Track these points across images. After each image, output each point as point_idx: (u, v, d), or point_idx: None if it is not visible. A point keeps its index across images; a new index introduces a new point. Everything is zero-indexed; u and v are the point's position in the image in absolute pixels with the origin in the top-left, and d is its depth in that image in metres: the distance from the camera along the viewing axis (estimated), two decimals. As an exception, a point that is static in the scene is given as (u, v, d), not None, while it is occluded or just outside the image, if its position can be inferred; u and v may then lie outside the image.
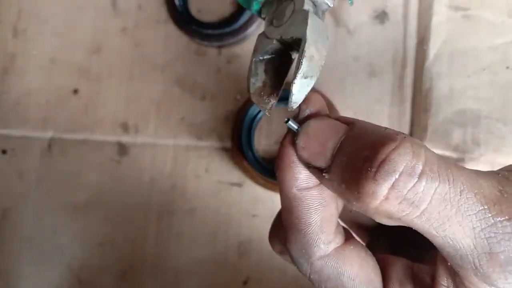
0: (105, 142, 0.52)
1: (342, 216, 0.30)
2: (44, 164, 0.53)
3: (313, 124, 0.22)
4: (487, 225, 0.19)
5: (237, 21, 0.50)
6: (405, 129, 0.50)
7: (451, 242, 0.19)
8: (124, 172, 0.52)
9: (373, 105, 0.50)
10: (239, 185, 0.51)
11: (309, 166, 0.22)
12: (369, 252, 0.25)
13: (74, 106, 0.53)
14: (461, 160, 0.47)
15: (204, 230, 0.51)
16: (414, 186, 0.18)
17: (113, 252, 0.52)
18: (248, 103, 0.50)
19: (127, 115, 0.52)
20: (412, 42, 0.50)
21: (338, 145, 0.21)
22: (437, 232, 0.19)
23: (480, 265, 0.19)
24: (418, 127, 0.49)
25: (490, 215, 0.19)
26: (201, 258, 0.51)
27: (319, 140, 0.22)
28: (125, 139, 0.52)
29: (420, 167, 0.18)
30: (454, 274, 0.21)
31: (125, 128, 0.52)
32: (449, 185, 0.19)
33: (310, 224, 0.23)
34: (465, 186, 0.19)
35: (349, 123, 0.22)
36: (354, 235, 0.28)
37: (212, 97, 0.52)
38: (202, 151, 0.52)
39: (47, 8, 0.54)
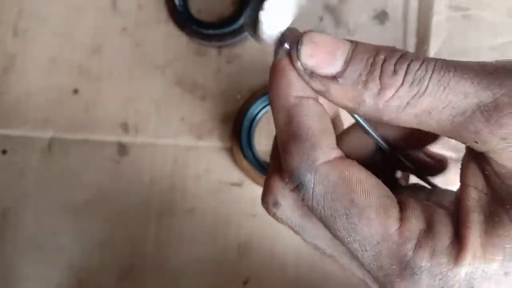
0: (105, 142, 0.52)
1: None
2: (44, 164, 0.53)
3: (317, 35, 0.23)
4: (484, 75, 0.21)
5: (237, 21, 0.50)
6: (405, 129, 0.50)
7: (457, 105, 0.20)
8: (124, 172, 0.52)
9: (373, 105, 0.50)
10: (239, 185, 0.51)
11: (312, 75, 0.23)
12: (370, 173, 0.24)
13: (74, 106, 0.53)
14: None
15: (204, 230, 0.51)
16: (419, 67, 0.21)
17: (113, 252, 0.52)
18: (248, 102, 0.50)
19: (127, 115, 0.52)
20: (412, 42, 0.50)
21: (350, 53, 0.22)
22: (442, 102, 0.21)
23: (490, 116, 0.20)
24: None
25: (485, 69, 0.21)
26: (201, 258, 0.51)
27: (327, 49, 0.22)
28: (125, 139, 0.52)
29: (422, 57, 0.21)
30: (481, 168, 0.21)
31: (125, 128, 0.52)
32: (443, 61, 0.21)
33: (311, 126, 0.23)
34: (458, 63, 0.21)
35: (350, 41, 0.23)
36: None
37: (212, 97, 0.52)
38: (202, 151, 0.52)
39: (47, 8, 0.54)
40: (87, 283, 0.52)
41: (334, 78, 0.22)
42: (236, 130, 0.49)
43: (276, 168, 0.25)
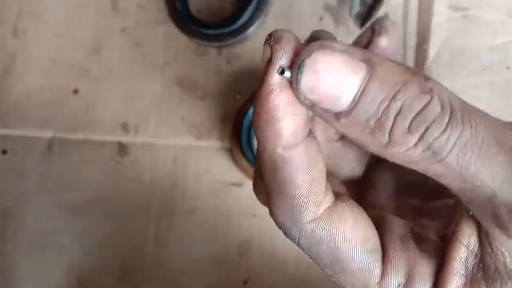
0: (105, 142, 0.52)
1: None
2: (44, 164, 0.53)
3: (322, 61, 0.18)
4: (507, 177, 0.18)
5: (237, 21, 0.50)
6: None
7: (470, 187, 0.18)
8: (124, 172, 0.52)
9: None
10: (239, 185, 0.51)
11: (312, 108, 0.19)
12: (361, 209, 0.23)
13: (74, 106, 0.53)
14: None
15: (204, 230, 0.51)
16: (440, 135, 0.18)
17: (113, 252, 0.52)
18: (248, 103, 0.50)
19: (127, 115, 0.52)
20: (412, 42, 0.50)
21: (361, 88, 0.18)
22: (454, 177, 0.19)
23: (500, 216, 0.18)
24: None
25: None
26: (201, 258, 0.51)
27: (334, 81, 0.18)
28: (125, 139, 0.52)
29: (447, 118, 0.18)
30: (478, 230, 0.20)
31: (125, 128, 0.52)
32: (471, 132, 0.18)
33: (298, 186, 0.20)
34: (487, 134, 0.18)
35: (366, 61, 0.19)
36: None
37: (212, 97, 0.52)
38: (202, 151, 0.52)
39: (47, 8, 0.54)
40: (87, 283, 0.52)
41: (337, 116, 0.19)
42: (236, 130, 0.49)
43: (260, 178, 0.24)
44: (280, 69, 0.19)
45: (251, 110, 0.49)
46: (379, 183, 0.27)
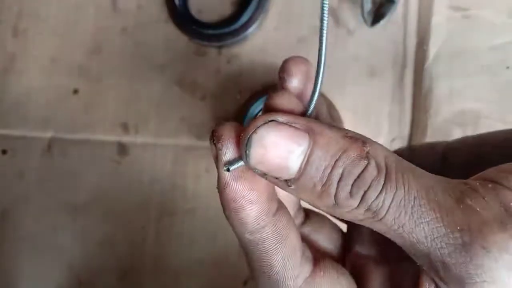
0: (105, 142, 0.52)
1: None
2: (44, 164, 0.53)
3: (268, 135, 0.20)
4: (438, 235, 0.19)
5: (237, 21, 0.50)
6: (405, 129, 0.50)
7: (410, 243, 0.20)
8: (124, 172, 0.52)
9: (373, 105, 0.50)
10: (239, 185, 0.51)
11: (264, 177, 0.21)
12: (342, 270, 0.24)
13: (74, 106, 0.53)
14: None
15: (204, 230, 0.51)
16: (377, 197, 0.20)
17: (113, 252, 0.52)
18: (248, 102, 0.50)
19: (127, 115, 0.52)
20: (412, 42, 0.50)
21: (305, 158, 0.20)
22: (395, 235, 0.20)
23: (438, 272, 0.20)
24: (418, 127, 0.49)
25: (441, 224, 0.19)
26: (201, 258, 0.51)
27: (280, 153, 0.20)
28: (125, 139, 0.52)
29: (382, 180, 0.20)
30: (435, 283, 0.21)
31: (125, 128, 0.52)
32: (404, 192, 0.19)
33: (272, 266, 0.22)
34: (419, 194, 0.19)
35: (308, 131, 0.20)
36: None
37: (212, 97, 0.52)
38: (202, 151, 0.52)
39: (47, 8, 0.54)
40: (87, 283, 0.52)
41: (287, 182, 0.21)
42: (236, 130, 0.49)
43: None
44: (226, 167, 0.21)
45: (251, 110, 0.49)
46: (361, 233, 0.28)
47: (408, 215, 0.19)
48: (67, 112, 0.53)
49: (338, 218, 0.28)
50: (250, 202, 0.21)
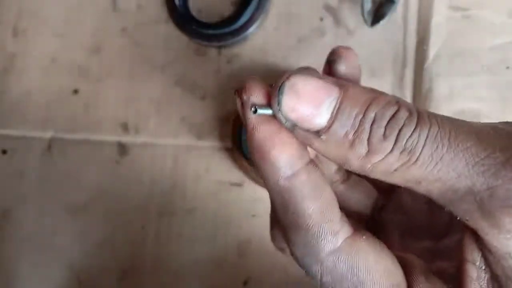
0: (105, 142, 0.52)
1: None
2: (44, 164, 0.53)
3: (300, 83, 0.20)
4: (480, 158, 0.19)
5: (237, 21, 0.50)
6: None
7: (449, 183, 0.19)
8: (124, 172, 0.52)
9: (373, 105, 0.50)
10: (239, 185, 0.51)
11: (294, 129, 0.21)
12: (382, 243, 0.23)
13: (74, 106, 0.53)
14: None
15: (204, 230, 0.51)
16: (411, 134, 0.19)
17: (113, 252, 0.52)
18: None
19: (127, 115, 0.52)
20: (412, 42, 0.50)
21: (337, 106, 0.20)
22: (432, 180, 0.19)
23: (483, 203, 0.19)
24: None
25: (482, 148, 0.19)
26: (201, 258, 0.51)
27: (312, 100, 0.20)
28: (125, 139, 0.52)
29: (415, 119, 0.19)
30: (479, 244, 0.20)
31: (125, 128, 0.52)
32: (438, 127, 0.19)
33: (310, 215, 0.21)
34: (453, 126, 0.19)
35: (338, 84, 0.21)
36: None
37: (212, 97, 0.52)
38: (202, 151, 0.52)
39: (47, 8, 0.54)
40: (87, 283, 0.52)
41: (317, 133, 0.20)
42: (236, 130, 0.49)
43: (276, 222, 0.24)
44: (253, 108, 0.21)
45: (251, 110, 0.49)
46: (388, 226, 0.27)
47: (446, 146, 0.19)
48: (67, 112, 0.53)
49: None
50: (281, 143, 0.21)
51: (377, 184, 0.28)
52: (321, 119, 0.20)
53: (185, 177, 0.51)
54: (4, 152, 0.53)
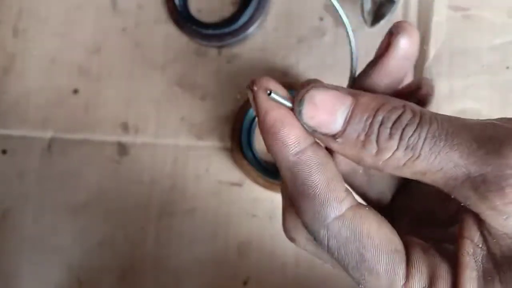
0: (105, 142, 0.52)
1: None
2: (44, 164, 0.53)
3: (318, 95, 0.24)
4: (472, 150, 0.21)
5: (237, 21, 0.50)
6: (405, 129, 0.50)
7: (449, 173, 0.22)
8: (124, 172, 0.52)
9: (373, 105, 0.50)
10: (239, 185, 0.51)
11: (314, 133, 0.24)
12: (385, 219, 0.25)
13: (74, 106, 0.53)
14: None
15: (204, 230, 0.51)
16: (413, 133, 0.22)
17: (113, 252, 0.52)
18: (248, 103, 0.50)
19: (127, 115, 0.52)
20: (412, 42, 0.50)
21: (349, 113, 0.23)
22: (434, 171, 0.22)
23: (479, 188, 0.21)
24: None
25: (474, 141, 0.21)
26: (201, 258, 0.51)
27: (328, 110, 0.23)
28: (125, 139, 0.52)
29: (418, 120, 0.22)
30: (478, 222, 0.22)
31: (125, 128, 0.52)
32: (437, 125, 0.22)
33: (316, 184, 0.24)
34: (451, 125, 0.22)
35: (351, 94, 0.24)
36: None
37: (212, 97, 0.52)
38: (202, 151, 0.52)
39: (47, 8, 0.54)
40: (87, 283, 0.52)
41: (334, 137, 0.24)
42: (236, 130, 0.49)
43: (289, 203, 0.26)
44: (268, 91, 0.24)
45: (251, 110, 0.49)
46: (399, 212, 0.30)
47: (443, 142, 0.22)
48: (67, 112, 0.53)
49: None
50: (290, 124, 0.24)
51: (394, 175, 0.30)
52: (336, 125, 0.23)
53: (185, 177, 0.51)
54: (4, 152, 0.53)
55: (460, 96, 0.49)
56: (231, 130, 0.50)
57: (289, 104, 0.24)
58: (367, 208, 0.24)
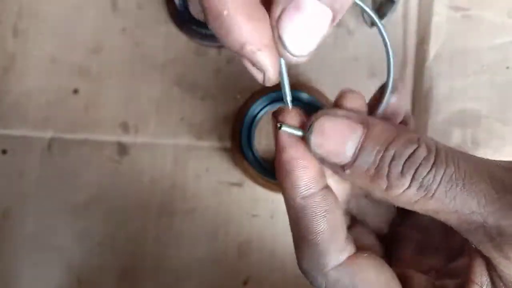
0: (105, 142, 0.52)
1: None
2: (44, 164, 0.53)
3: (327, 123, 0.23)
4: (492, 199, 0.20)
5: (237, 21, 0.50)
6: (405, 129, 0.50)
7: (464, 217, 0.21)
8: (124, 172, 0.52)
9: (373, 105, 0.50)
10: (239, 185, 0.51)
11: (323, 161, 0.23)
12: (384, 262, 0.25)
13: (74, 106, 0.53)
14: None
15: (204, 230, 0.51)
16: (427, 174, 0.21)
17: (113, 252, 0.52)
18: (248, 102, 0.50)
19: (127, 115, 0.52)
20: (412, 42, 0.50)
21: (359, 144, 0.22)
22: (448, 212, 0.21)
23: (494, 238, 0.20)
24: (418, 127, 0.49)
25: (493, 190, 0.20)
26: (201, 258, 0.51)
27: (337, 139, 0.22)
28: (125, 139, 0.52)
29: (432, 159, 0.21)
30: (488, 267, 0.22)
31: (125, 128, 0.52)
32: (454, 168, 0.21)
33: (319, 232, 0.23)
34: (469, 168, 0.21)
35: (362, 122, 0.23)
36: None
37: (212, 97, 0.52)
38: (202, 151, 0.52)
39: (47, 8, 0.54)
40: (87, 283, 0.52)
41: (343, 167, 0.23)
42: (236, 130, 0.49)
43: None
44: (279, 124, 0.23)
45: (251, 110, 0.49)
46: (404, 240, 0.29)
47: (460, 187, 0.21)
48: (67, 112, 0.53)
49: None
50: (303, 167, 0.23)
51: None
52: (345, 155, 0.22)
53: (185, 177, 0.51)
54: (4, 152, 0.53)
55: (460, 96, 0.49)
56: (231, 130, 0.50)
57: (300, 134, 0.23)
58: (366, 255, 0.24)
